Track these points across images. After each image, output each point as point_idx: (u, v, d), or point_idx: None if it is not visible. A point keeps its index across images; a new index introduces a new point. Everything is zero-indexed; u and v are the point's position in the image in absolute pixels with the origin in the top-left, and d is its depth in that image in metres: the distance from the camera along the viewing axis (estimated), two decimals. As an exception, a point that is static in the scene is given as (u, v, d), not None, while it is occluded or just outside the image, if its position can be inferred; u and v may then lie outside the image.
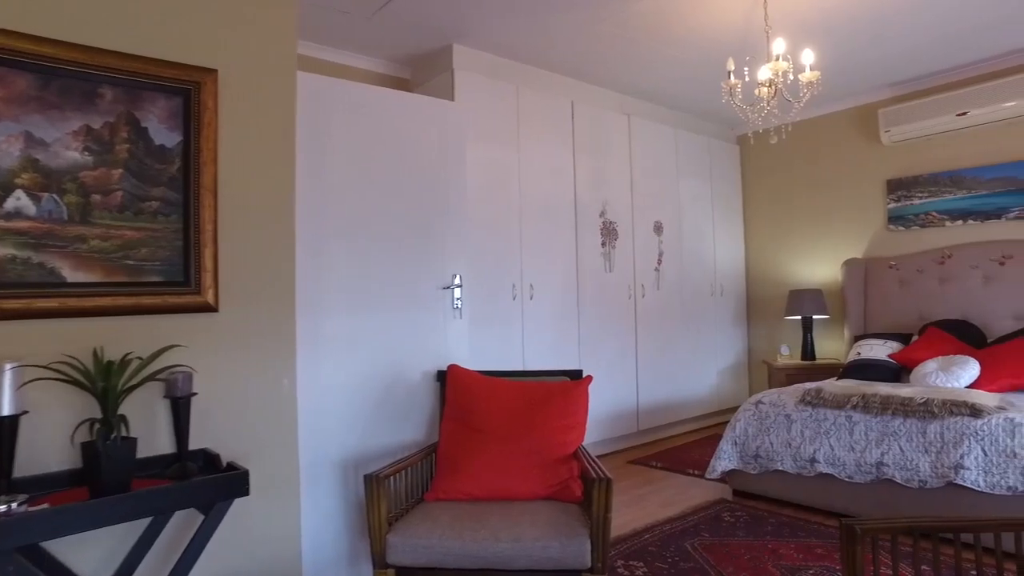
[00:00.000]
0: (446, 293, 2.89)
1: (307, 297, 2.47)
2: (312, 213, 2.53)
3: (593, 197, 4.57)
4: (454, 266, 2.93)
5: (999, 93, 4.36)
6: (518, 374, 2.64)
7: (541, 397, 2.40)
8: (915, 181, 4.92)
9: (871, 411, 3.11)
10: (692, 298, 5.31)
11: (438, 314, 2.86)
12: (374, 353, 2.67)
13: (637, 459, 4.49)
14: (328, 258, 2.57)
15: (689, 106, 5.40)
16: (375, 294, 2.69)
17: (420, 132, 2.88)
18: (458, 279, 2.92)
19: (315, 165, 2.56)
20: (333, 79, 2.70)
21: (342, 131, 2.65)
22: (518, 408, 2.38)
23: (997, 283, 4.39)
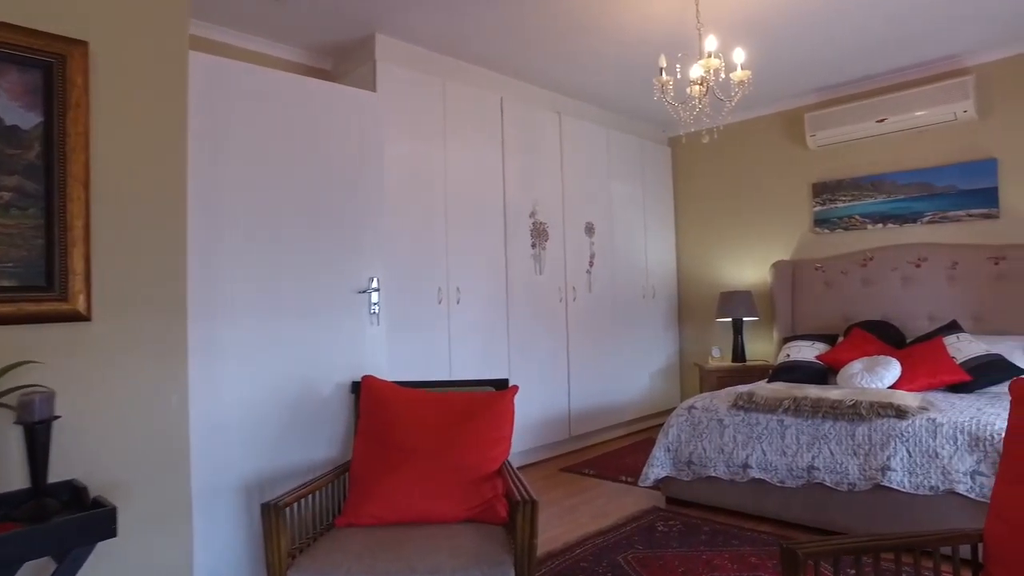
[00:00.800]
0: (362, 297, 2.67)
1: (203, 302, 2.21)
2: (210, 209, 2.27)
3: (523, 197, 4.43)
4: (371, 268, 2.72)
5: (912, 102, 4.47)
6: (439, 384, 2.46)
7: (464, 410, 2.23)
8: (839, 185, 5.00)
9: (802, 414, 3.07)
10: (624, 301, 5.24)
11: (353, 320, 2.64)
12: (282, 363, 2.44)
13: (569, 466, 4.37)
14: (229, 259, 2.32)
15: (621, 106, 5.34)
16: (283, 299, 2.45)
17: (335, 124, 2.66)
18: (375, 282, 2.71)
19: (214, 156, 2.31)
20: (234, 61, 2.45)
21: (246, 119, 2.40)
22: (438, 422, 2.20)
23: (914, 285, 4.50)
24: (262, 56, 3.84)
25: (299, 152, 2.54)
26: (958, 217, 4.48)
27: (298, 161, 2.53)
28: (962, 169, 4.46)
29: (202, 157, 2.24)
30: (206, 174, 2.28)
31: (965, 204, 4.45)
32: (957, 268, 4.35)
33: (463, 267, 4.00)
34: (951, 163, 4.51)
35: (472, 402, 2.26)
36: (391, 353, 3.51)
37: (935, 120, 4.45)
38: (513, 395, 2.30)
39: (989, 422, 2.68)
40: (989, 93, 4.37)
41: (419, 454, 2.14)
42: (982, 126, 4.41)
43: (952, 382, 3.60)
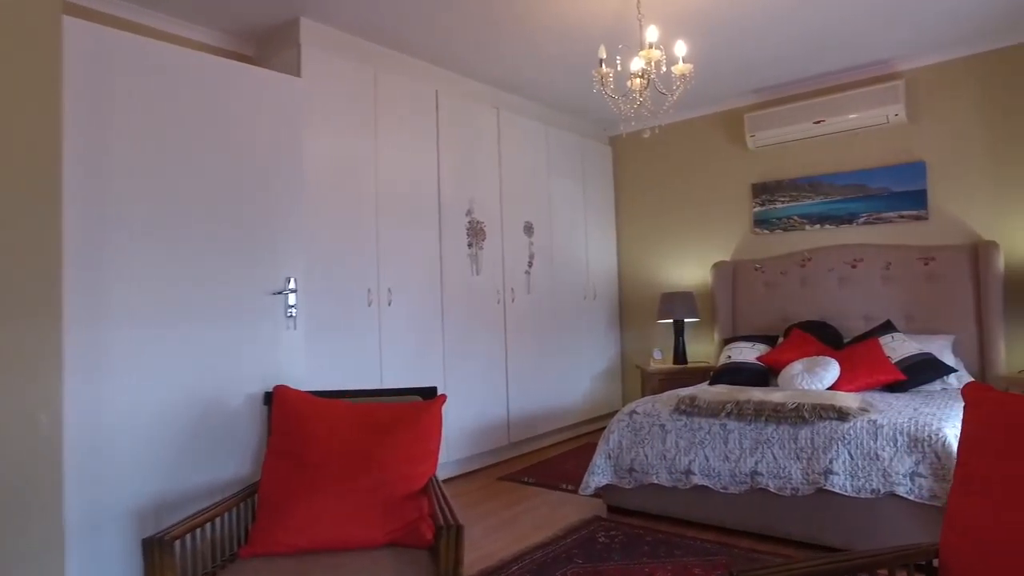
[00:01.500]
0: (278, 299, 2.44)
1: (86, 307, 1.94)
2: (94, 200, 2.00)
3: (459, 194, 4.24)
4: (289, 268, 2.48)
5: (848, 105, 4.51)
6: (361, 394, 2.24)
7: (386, 422, 2.02)
8: (778, 185, 5.01)
9: (745, 418, 2.99)
10: (564, 302, 5.12)
11: (268, 324, 2.41)
12: (185, 374, 2.18)
13: (508, 474, 4.20)
14: (118, 257, 2.06)
15: (561, 103, 5.22)
16: (186, 302, 2.20)
17: (248, 109, 2.41)
18: (293, 283, 2.47)
19: (99, 141, 2.04)
20: (125, 33, 2.17)
21: (139, 101, 2.14)
22: (358, 436, 1.99)
23: (850, 285, 4.53)
24: (180, 39, 3.54)
25: (206, 139, 2.29)
26: (891, 219, 4.53)
27: (204, 149, 2.28)
28: (894, 171, 4.51)
29: (82, 141, 1.97)
30: (91, 162, 2.01)
31: (897, 206, 4.51)
32: (891, 269, 4.40)
33: (395, 267, 3.79)
34: (884, 165, 4.57)
35: (396, 413, 2.06)
36: (316, 359, 3.28)
37: (869, 123, 4.49)
38: (440, 405, 2.11)
39: (927, 423, 2.65)
40: (918, 97, 4.44)
41: (336, 472, 1.93)
42: (912, 129, 4.48)
43: (888, 381, 3.61)
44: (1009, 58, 4.14)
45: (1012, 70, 4.13)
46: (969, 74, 4.28)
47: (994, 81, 4.19)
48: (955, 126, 4.32)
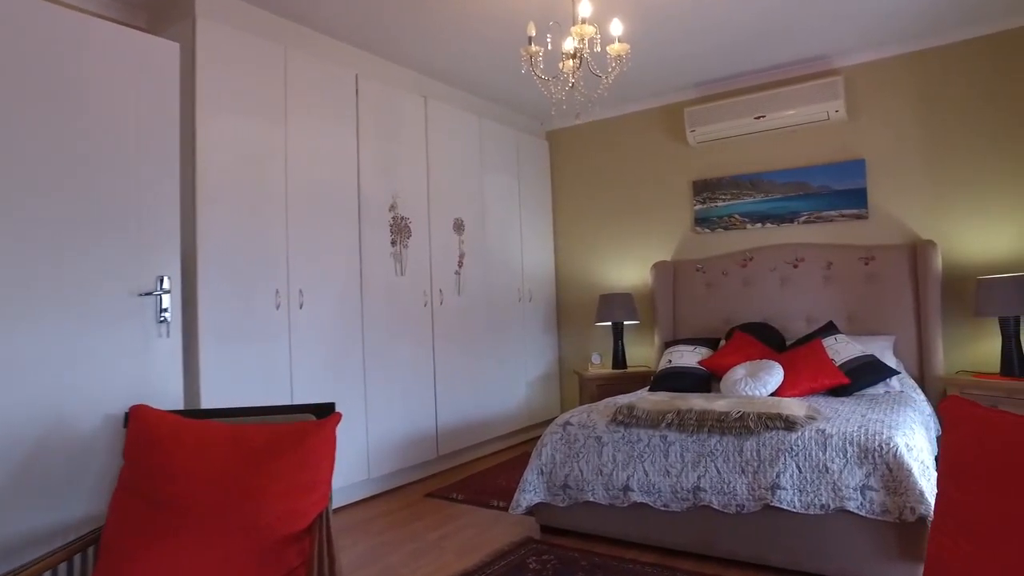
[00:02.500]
0: (146, 302, 2.05)
1: None
2: None
3: (382, 188, 3.90)
4: (162, 265, 2.10)
5: (788, 100, 4.38)
6: (241, 412, 1.89)
7: (266, 446, 1.68)
8: (719, 183, 4.85)
9: (687, 429, 2.75)
10: (498, 304, 4.83)
11: (133, 331, 2.02)
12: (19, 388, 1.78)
13: (436, 490, 3.88)
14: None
15: (495, 94, 4.94)
16: (21, 302, 1.80)
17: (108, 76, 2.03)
18: (166, 282, 2.10)
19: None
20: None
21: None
22: (231, 465, 1.64)
23: (792, 285, 4.40)
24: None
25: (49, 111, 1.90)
26: (831, 217, 4.42)
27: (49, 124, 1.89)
28: (834, 169, 4.41)
29: None
30: None
31: (838, 204, 4.40)
32: (832, 269, 4.28)
33: (307, 266, 3.42)
34: (825, 163, 4.46)
35: (279, 436, 1.72)
36: (215, 371, 2.90)
37: (809, 119, 4.37)
38: (334, 425, 1.78)
39: (876, 431, 2.46)
40: (857, 94, 4.35)
41: (199, 512, 1.57)
42: (851, 127, 4.38)
43: (833, 385, 3.45)
44: (945, 56, 4.08)
45: (948, 68, 4.07)
46: (907, 71, 4.20)
47: (931, 79, 4.13)
48: (893, 124, 4.24)
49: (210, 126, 3.00)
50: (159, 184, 2.11)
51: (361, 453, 3.66)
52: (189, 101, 2.96)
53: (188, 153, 2.96)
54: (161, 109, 2.13)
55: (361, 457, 3.66)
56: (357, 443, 3.63)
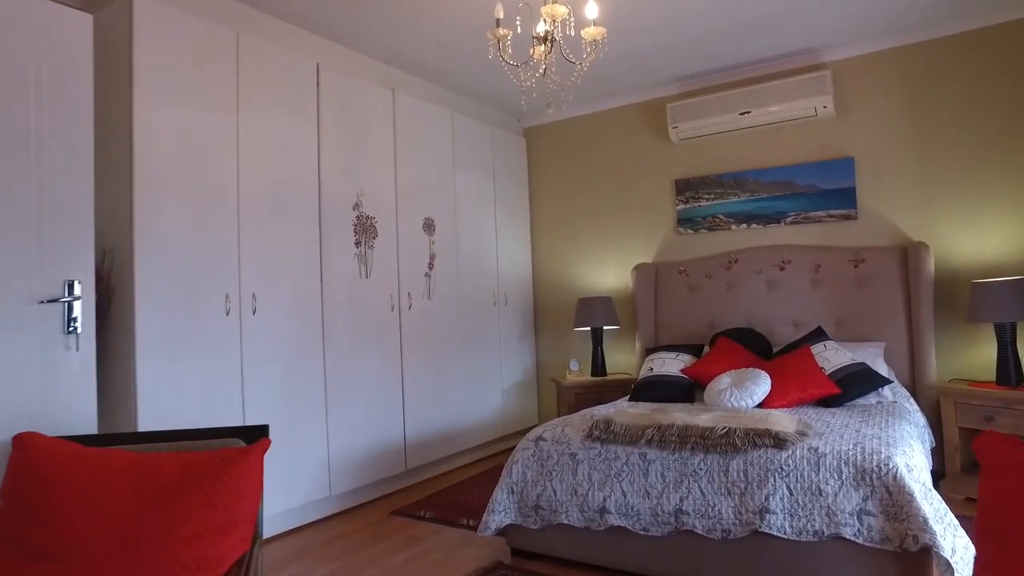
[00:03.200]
0: (51, 311, 1.80)
1: None
2: None
3: (345, 186, 3.64)
4: (70, 267, 1.85)
5: (775, 95, 4.19)
6: (154, 438, 1.64)
7: (176, 482, 1.43)
8: (703, 182, 4.65)
9: (668, 446, 2.54)
10: (471, 308, 4.59)
11: (32, 345, 1.76)
12: None
13: (403, 507, 3.63)
14: None
15: (469, 87, 4.70)
16: None
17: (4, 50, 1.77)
18: (77, 288, 1.84)
19: None
20: None
21: None
22: (131, 506, 1.39)
23: (778, 289, 4.21)
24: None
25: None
26: (820, 218, 4.24)
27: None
28: (822, 168, 4.23)
29: None
30: None
31: (826, 204, 4.22)
32: (820, 271, 4.10)
33: (262, 269, 3.16)
34: (812, 161, 4.28)
35: (193, 468, 1.47)
36: (155, 385, 2.64)
37: (797, 115, 4.19)
38: (261, 453, 1.53)
39: (873, 449, 2.26)
40: (845, 90, 4.17)
41: (87, 565, 1.32)
42: (840, 123, 4.20)
43: (823, 396, 3.26)
44: (937, 50, 3.91)
45: (940, 63, 3.90)
46: (897, 67, 4.03)
47: (922, 75, 3.95)
48: (884, 120, 4.07)
49: (150, 115, 2.74)
50: (69, 177, 1.85)
51: (322, 469, 3.40)
52: (126, 87, 2.70)
53: (125, 145, 2.70)
54: (72, 90, 1.87)
55: (321, 473, 3.40)
56: (317, 458, 3.38)
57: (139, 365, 2.64)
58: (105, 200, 2.81)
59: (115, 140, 2.76)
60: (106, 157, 2.82)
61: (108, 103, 2.81)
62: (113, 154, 2.77)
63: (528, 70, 2.51)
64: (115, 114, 2.76)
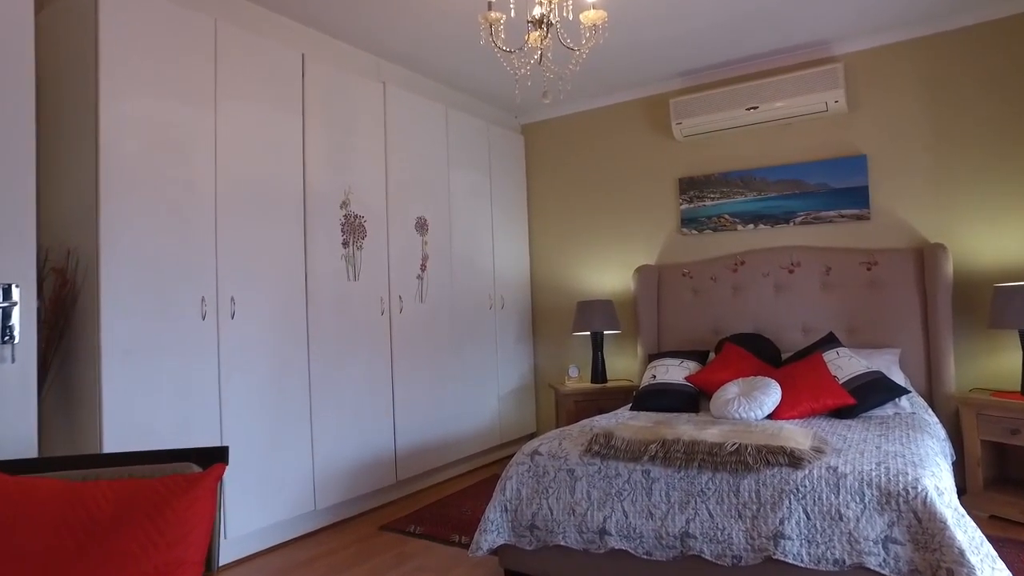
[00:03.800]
0: (-14, 316, 1.61)
1: None
2: None
3: (332, 182, 3.46)
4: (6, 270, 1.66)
5: (783, 89, 4.00)
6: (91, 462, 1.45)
7: (113, 517, 1.25)
8: (707, 180, 4.46)
9: (673, 463, 2.34)
10: (466, 312, 4.40)
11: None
12: None
13: (392, 522, 3.44)
14: None
15: (464, 82, 4.52)
16: None
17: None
18: (14, 293, 1.65)
19: None
20: None
21: None
22: (56, 546, 1.20)
23: (787, 292, 4.02)
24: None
25: None
26: (830, 218, 4.05)
27: None
28: (833, 165, 4.04)
29: None
30: None
31: (837, 204, 4.03)
32: (831, 274, 3.91)
33: (241, 270, 2.98)
34: (822, 159, 4.09)
35: (133, 500, 1.28)
36: (122, 396, 2.45)
37: (807, 110, 4.00)
38: (214, 481, 1.35)
39: (899, 470, 2.07)
40: (858, 84, 3.99)
41: (5, 612, 1.14)
42: (852, 119, 4.02)
43: (836, 406, 3.07)
44: (954, 42, 3.72)
45: (957, 55, 3.71)
46: (912, 59, 3.84)
47: (939, 68, 3.76)
48: (898, 116, 3.88)
49: (118, 107, 2.56)
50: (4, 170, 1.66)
51: (306, 482, 3.22)
52: (91, 76, 2.52)
53: (90, 138, 2.52)
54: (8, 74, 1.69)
55: (306, 487, 3.22)
56: (301, 471, 3.19)
57: (104, 374, 2.46)
58: (69, 196, 2.63)
59: (80, 132, 2.58)
60: (70, 150, 2.64)
61: (72, 92, 2.63)
62: (78, 147, 2.59)
63: (522, 56, 2.32)
64: (80, 105, 2.58)
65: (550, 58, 2.30)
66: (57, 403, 2.67)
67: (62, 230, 2.65)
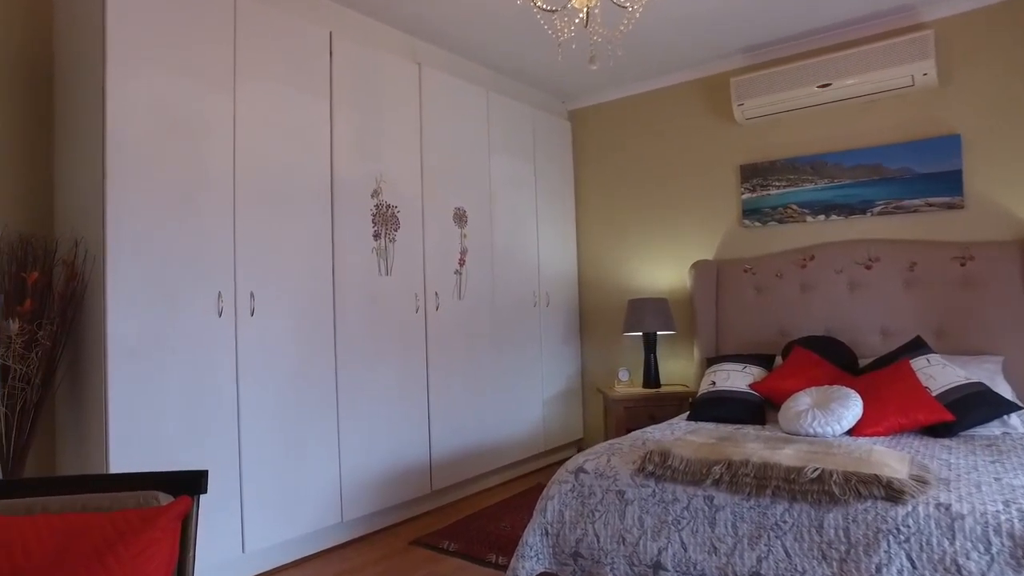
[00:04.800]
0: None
1: None
2: None
3: (362, 170, 3.21)
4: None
5: (862, 63, 3.56)
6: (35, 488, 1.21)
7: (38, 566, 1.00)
8: (772, 167, 4.05)
9: (741, 489, 2.00)
10: (508, 309, 4.10)
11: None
12: None
13: (425, 536, 3.18)
14: None
15: (507, 63, 4.23)
16: None
17: None
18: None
19: None
20: None
21: None
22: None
23: (863, 290, 3.60)
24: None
25: None
26: (916, 207, 3.60)
27: None
28: (919, 148, 3.58)
29: None
30: None
31: (924, 191, 3.57)
32: (915, 270, 3.47)
33: (262, 264, 2.76)
34: (907, 140, 3.64)
35: (72, 541, 1.03)
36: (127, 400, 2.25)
37: (889, 85, 3.56)
38: (175, 518, 1.09)
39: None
40: (951, 54, 3.52)
41: None
42: (943, 94, 3.55)
43: (931, 423, 2.66)
44: (1071, 0, 3.23)
45: (1074, 16, 3.22)
46: (1015, 23, 3.36)
47: (1049, 31, 3.28)
48: (998, 90, 3.40)
49: (127, 86, 2.35)
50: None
51: (332, 492, 2.98)
52: (98, 53, 2.33)
53: (96, 120, 2.33)
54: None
55: (332, 497, 2.98)
56: (327, 480, 2.96)
57: (111, 375, 2.26)
58: (79, 182, 2.45)
59: (85, 114, 2.39)
60: (74, 134, 2.47)
61: (76, 70, 2.45)
62: (82, 130, 2.41)
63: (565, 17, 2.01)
64: (85, 84, 2.39)
65: (598, 18, 1.98)
66: (67, 405, 2.50)
67: (71, 218, 2.48)
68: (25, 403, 2.31)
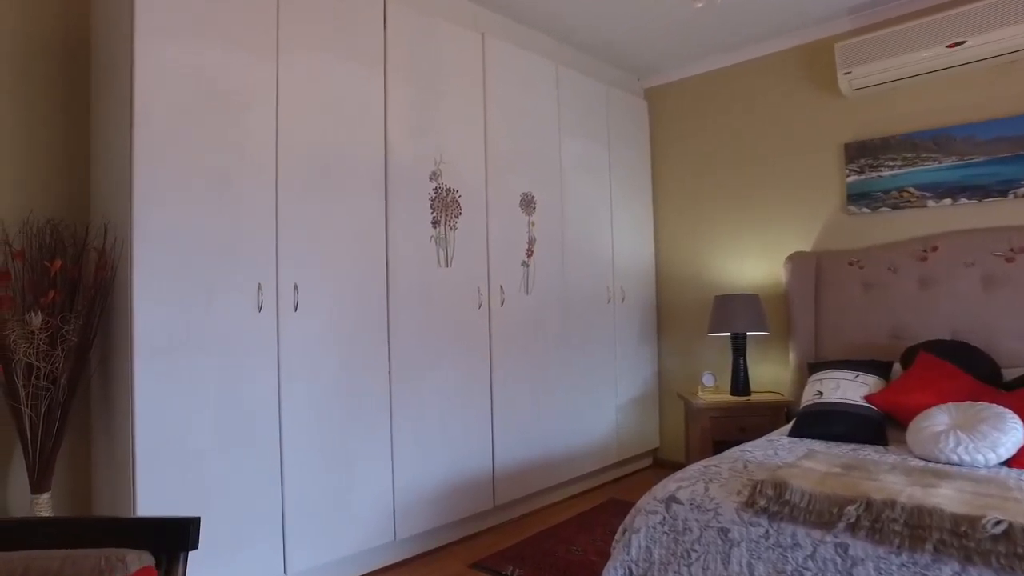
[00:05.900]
0: None
1: None
2: None
3: (419, 150, 2.90)
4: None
5: (1007, 13, 2.99)
6: None
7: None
8: (885, 144, 3.52)
9: (887, 539, 1.57)
10: (579, 306, 3.72)
11: None
12: None
13: (486, 558, 2.85)
14: None
15: (579, 35, 3.84)
16: None
17: None
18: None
19: None
20: None
21: None
22: None
23: (1003, 287, 3.05)
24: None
25: None
26: (1069, 187, 3.02)
27: None
28: (1074, 117, 3.00)
29: None
30: None
31: (1080, 168, 2.99)
32: (1071, 263, 2.90)
33: (307, 253, 2.48)
34: (1058, 108, 3.06)
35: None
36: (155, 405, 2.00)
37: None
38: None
39: None
40: (1118, 2, 2.92)
41: None
42: (1105, 53, 2.95)
43: (1113, 452, 2.13)
44: None
45: None
46: None
47: None
48: None
49: (157, 55, 2.10)
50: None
51: (384, 508, 2.69)
52: (126, 17, 2.08)
53: (124, 92, 2.08)
54: None
55: (384, 514, 2.69)
56: (379, 495, 2.67)
57: (137, 377, 2.02)
58: (105, 165, 2.22)
59: (116, 88, 2.15)
60: (106, 112, 2.24)
61: (109, 42, 2.22)
62: (113, 107, 2.18)
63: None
64: (116, 56, 2.16)
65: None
66: (99, 405, 2.28)
67: (103, 203, 2.26)
68: (51, 405, 2.10)
